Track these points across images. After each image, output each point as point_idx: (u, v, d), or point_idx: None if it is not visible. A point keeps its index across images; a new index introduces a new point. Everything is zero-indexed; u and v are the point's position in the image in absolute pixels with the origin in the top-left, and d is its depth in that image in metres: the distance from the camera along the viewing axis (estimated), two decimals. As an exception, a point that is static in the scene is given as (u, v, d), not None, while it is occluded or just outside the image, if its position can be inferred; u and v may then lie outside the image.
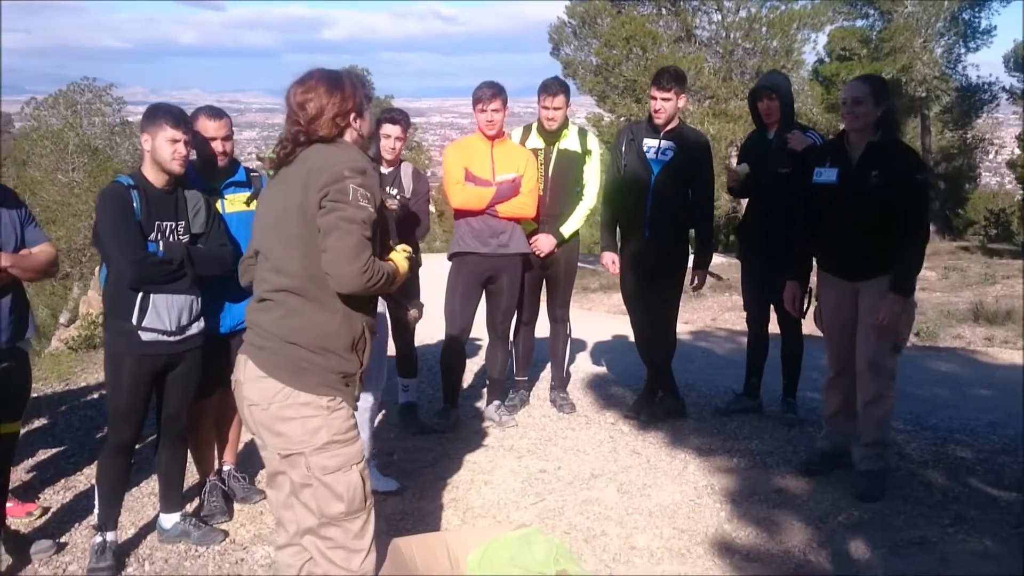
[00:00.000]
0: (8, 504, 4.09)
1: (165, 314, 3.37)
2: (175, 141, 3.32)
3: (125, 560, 3.64)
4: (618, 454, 4.86)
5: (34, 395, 5.98)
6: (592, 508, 4.12)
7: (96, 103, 35.99)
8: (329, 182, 2.40)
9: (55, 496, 4.35)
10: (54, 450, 4.98)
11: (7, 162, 28.29)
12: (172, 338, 3.41)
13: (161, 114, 3.34)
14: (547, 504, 4.17)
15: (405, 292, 3.05)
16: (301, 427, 2.51)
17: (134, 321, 3.33)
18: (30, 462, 4.77)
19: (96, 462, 3.72)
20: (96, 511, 3.59)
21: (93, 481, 4.45)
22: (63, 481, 4.52)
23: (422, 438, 5.08)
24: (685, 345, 8.22)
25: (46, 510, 4.16)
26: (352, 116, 2.56)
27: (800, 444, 4.96)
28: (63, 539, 3.85)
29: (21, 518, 4.05)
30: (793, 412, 5.36)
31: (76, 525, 4.00)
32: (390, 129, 4.84)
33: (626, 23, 23.05)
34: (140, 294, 3.32)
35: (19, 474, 4.61)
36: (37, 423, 5.39)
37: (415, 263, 2.88)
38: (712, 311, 11.23)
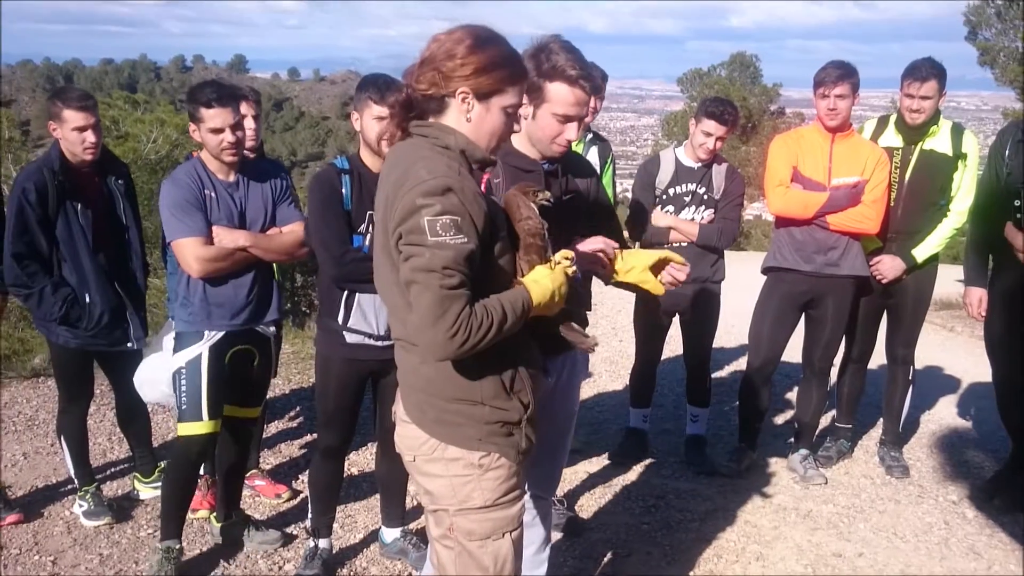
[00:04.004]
0: (260, 483, 4.11)
1: (372, 316, 3.01)
2: (382, 119, 2.88)
3: (338, 569, 3.42)
4: (949, 550, 3.67)
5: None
6: (888, 627, 3.10)
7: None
8: (401, 219, 1.85)
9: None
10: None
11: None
12: (380, 343, 3.03)
13: (367, 88, 2.94)
14: (826, 607, 3.21)
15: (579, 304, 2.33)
16: (449, 487, 2.07)
17: (340, 320, 3.02)
18: (300, 441, 4.78)
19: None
20: (309, 515, 3.38)
21: (352, 470, 4.37)
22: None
23: (703, 481, 4.31)
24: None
25: (296, 493, 4.09)
26: (466, 90, 1.89)
27: None
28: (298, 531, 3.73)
29: (270, 499, 4.04)
30: None
31: (315, 517, 3.86)
32: (713, 128, 4.14)
33: (1069, -1, 19.24)
34: (345, 293, 3.00)
35: (293, 449, 4.66)
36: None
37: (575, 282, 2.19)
38: None
